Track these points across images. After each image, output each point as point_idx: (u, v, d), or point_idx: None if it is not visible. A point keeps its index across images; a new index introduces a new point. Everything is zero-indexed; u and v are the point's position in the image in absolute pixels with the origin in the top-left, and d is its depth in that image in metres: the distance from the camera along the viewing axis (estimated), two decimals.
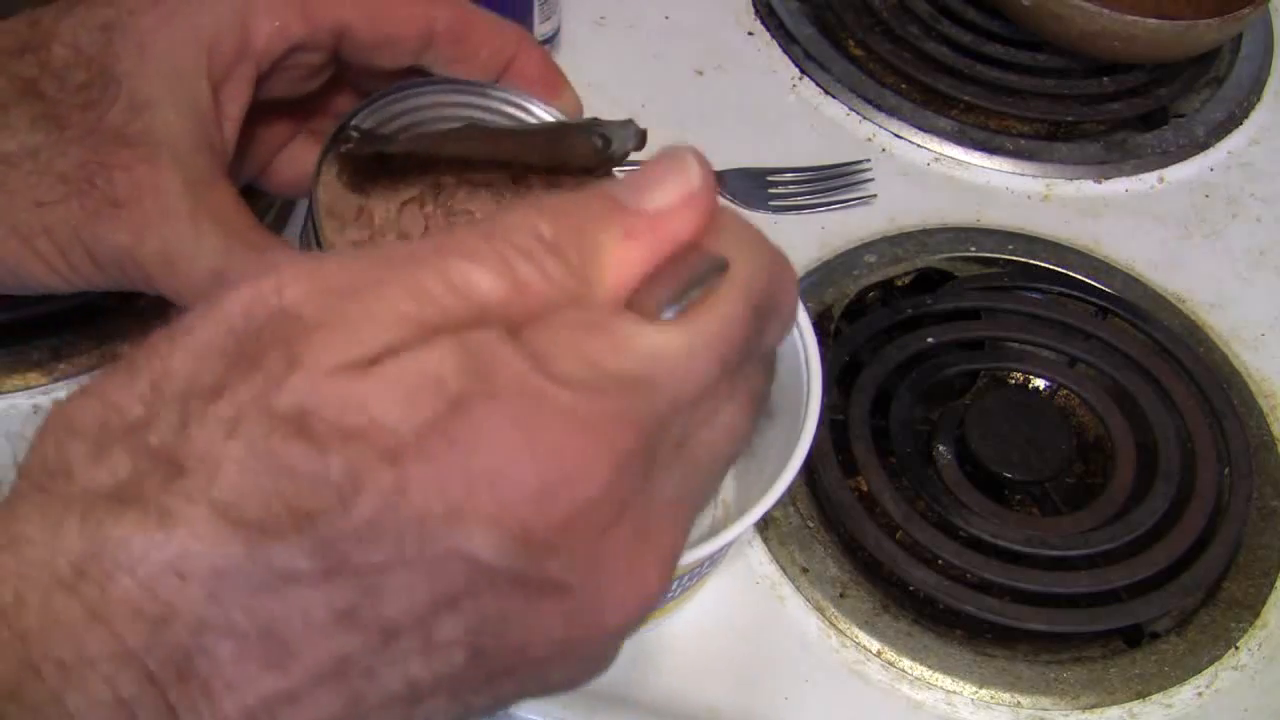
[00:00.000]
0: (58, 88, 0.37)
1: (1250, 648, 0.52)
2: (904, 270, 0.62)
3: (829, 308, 0.60)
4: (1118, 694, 0.50)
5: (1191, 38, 0.69)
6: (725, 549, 0.46)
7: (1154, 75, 0.72)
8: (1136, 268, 0.65)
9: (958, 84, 0.70)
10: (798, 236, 0.63)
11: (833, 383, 0.56)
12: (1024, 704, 0.49)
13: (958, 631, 0.51)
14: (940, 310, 0.60)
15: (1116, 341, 0.60)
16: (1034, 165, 0.68)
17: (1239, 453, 0.57)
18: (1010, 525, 0.52)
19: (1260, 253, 0.67)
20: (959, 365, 0.58)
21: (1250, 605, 0.53)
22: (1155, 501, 0.54)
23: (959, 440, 0.55)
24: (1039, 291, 0.63)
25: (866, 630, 0.50)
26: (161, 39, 0.37)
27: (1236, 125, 0.73)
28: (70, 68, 0.37)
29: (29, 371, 0.52)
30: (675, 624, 0.50)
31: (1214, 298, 0.65)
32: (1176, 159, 0.70)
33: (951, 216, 0.66)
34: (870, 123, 0.69)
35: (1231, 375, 0.61)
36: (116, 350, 0.53)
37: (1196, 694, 0.50)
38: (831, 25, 0.74)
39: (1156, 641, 0.52)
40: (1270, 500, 0.56)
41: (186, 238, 0.36)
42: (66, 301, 0.53)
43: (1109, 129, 0.71)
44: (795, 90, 0.71)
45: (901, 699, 0.49)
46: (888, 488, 0.53)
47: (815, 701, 0.49)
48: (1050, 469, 0.55)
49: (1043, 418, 0.56)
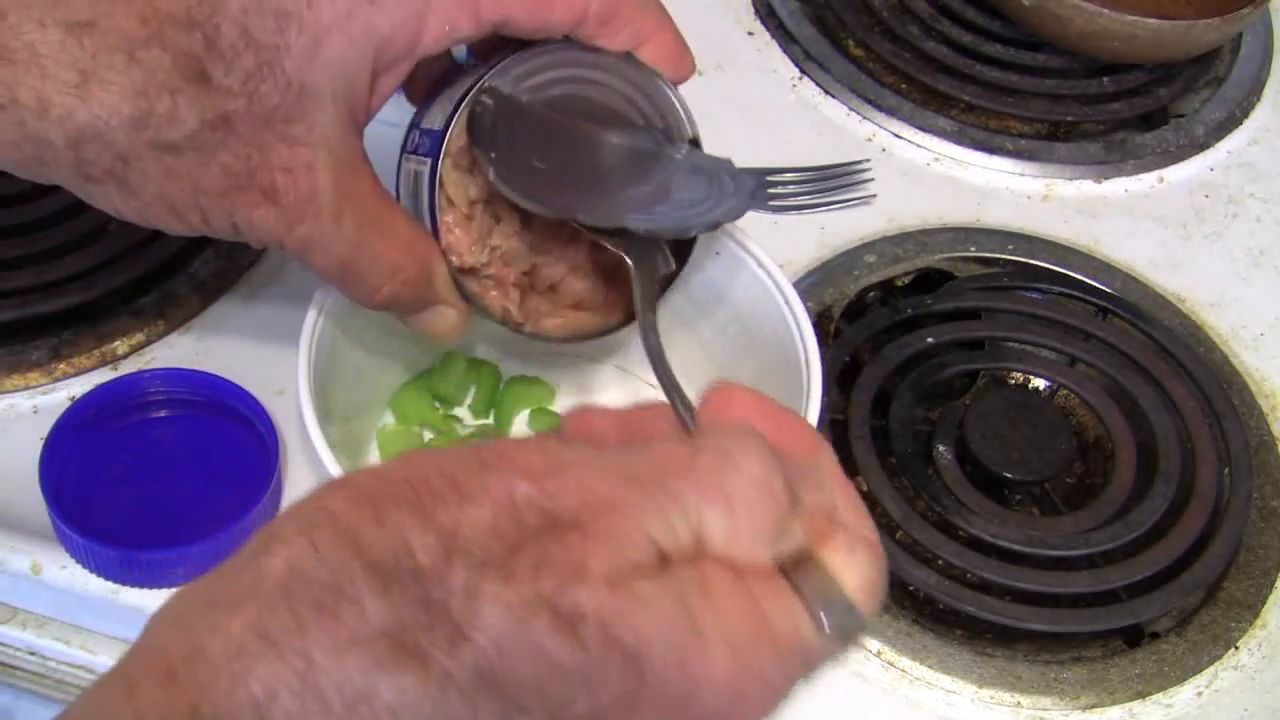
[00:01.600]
0: (224, 74, 0.36)
1: (1250, 648, 0.52)
2: (904, 270, 0.62)
3: (829, 308, 0.60)
4: (1118, 694, 0.50)
5: (1191, 38, 0.69)
6: None
7: (1154, 75, 0.72)
8: (1136, 268, 0.65)
9: (958, 84, 0.70)
10: (798, 236, 0.63)
11: (833, 383, 0.56)
12: (1024, 704, 0.49)
13: (958, 631, 0.51)
14: (940, 310, 0.60)
15: (1116, 341, 0.60)
16: (1034, 165, 0.68)
17: (1239, 453, 0.57)
18: (1010, 525, 0.52)
19: (1260, 253, 0.67)
20: (959, 365, 0.58)
21: (1250, 605, 0.53)
22: (1155, 501, 0.54)
23: (959, 440, 0.55)
24: (1039, 291, 0.63)
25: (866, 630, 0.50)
26: (336, 40, 0.37)
27: (1236, 125, 0.73)
28: (238, 52, 0.36)
29: (29, 371, 0.52)
30: None
31: (1214, 298, 0.65)
32: (1176, 159, 0.70)
33: (951, 216, 0.66)
34: (870, 123, 0.69)
35: (1231, 375, 0.61)
36: (115, 350, 0.53)
37: (1196, 694, 0.50)
38: (831, 25, 0.74)
39: (1156, 641, 0.52)
40: (1270, 500, 0.56)
41: (328, 229, 0.39)
42: (66, 301, 0.53)
43: (1109, 129, 0.71)
44: (795, 90, 0.71)
45: (901, 699, 0.49)
46: (888, 488, 0.53)
47: (815, 702, 0.49)
48: (1050, 469, 0.54)
49: (1043, 418, 0.56)
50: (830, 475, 0.31)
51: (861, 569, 0.30)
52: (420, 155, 0.42)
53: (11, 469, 0.49)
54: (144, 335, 0.54)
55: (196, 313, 0.56)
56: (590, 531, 0.27)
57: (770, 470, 0.29)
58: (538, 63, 0.42)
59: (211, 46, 0.36)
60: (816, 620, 0.29)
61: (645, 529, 0.27)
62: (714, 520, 0.28)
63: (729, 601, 0.28)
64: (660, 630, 0.26)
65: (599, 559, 0.26)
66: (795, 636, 0.28)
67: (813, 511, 0.30)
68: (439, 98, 0.43)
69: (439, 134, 0.41)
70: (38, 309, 0.53)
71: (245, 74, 0.36)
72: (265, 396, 0.49)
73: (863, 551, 0.30)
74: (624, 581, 0.26)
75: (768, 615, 0.28)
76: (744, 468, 0.28)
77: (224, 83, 0.36)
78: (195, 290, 0.56)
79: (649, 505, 0.27)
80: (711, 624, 0.27)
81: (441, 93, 0.43)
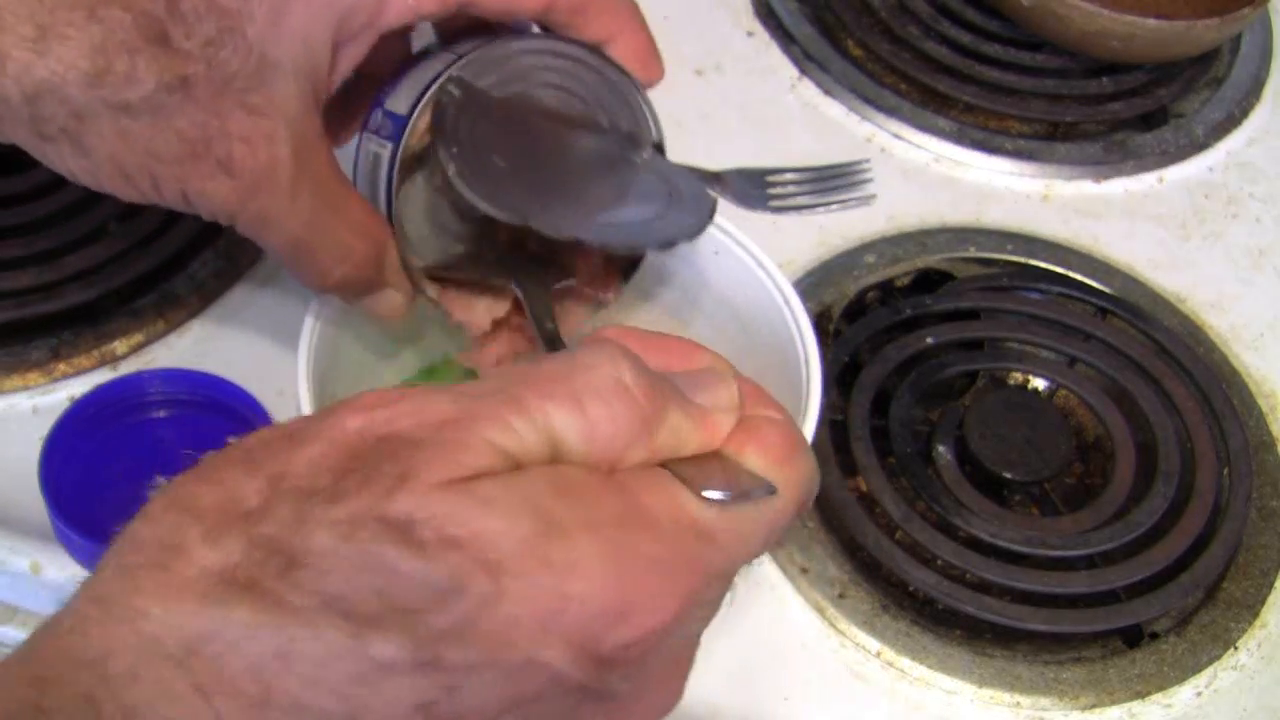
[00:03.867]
0: (185, 37, 0.36)
1: (1249, 648, 0.52)
2: (903, 270, 0.62)
3: (829, 308, 0.60)
4: (1117, 694, 0.50)
5: (1191, 38, 0.69)
6: None
7: (1154, 75, 0.72)
8: (1136, 268, 0.65)
9: (957, 84, 0.70)
10: (797, 236, 0.63)
11: (832, 383, 0.56)
12: (1023, 704, 0.49)
13: (957, 631, 0.51)
14: (940, 310, 0.60)
15: (1116, 341, 0.60)
16: (1033, 165, 0.68)
17: (1238, 453, 0.57)
18: (1010, 525, 0.52)
19: (1260, 253, 0.67)
20: (959, 365, 0.58)
21: (1250, 605, 0.53)
22: (1155, 501, 0.54)
23: (959, 440, 0.55)
24: (1038, 292, 0.63)
25: (866, 630, 0.50)
26: (298, 9, 0.37)
27: (1236, 125, 0.73)
28: (200, 16, 0.36)
29: (29, 371, 0.52)
30: None
31: (1214, 298, 0.65)
32: (1176, 159, 0.70)
33: (951, 217, 0.66)
34: (870, 123, 0.69)
35: (1231, 375, 0.61)
36: (115, 350, 0.53)
37: (1196, 694, 0.50)
38: (831, 25, 0.74)
39: (1156, 641, 0.52)
40: (1270, 500, 0.56)
41: (284, 204, 0.38)
42: (66, 301, 0.53)
43: (1109, 129, 0.71)
44: (795, 90, 0.71)
45: (901, 699, 0.49)
46: (887, 488, 0.53)
47: (815, 701, 0.49)
48: (1050, 469, 0.55)
49: (1043, 418, 0.56)
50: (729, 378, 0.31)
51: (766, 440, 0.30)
52: (381, 138, 0.41)
53: (11, 469, 0.49)
54: (144, 335, 0.54)
55: (196, 313, 0.56)
56: (421, 444, 0.26)
57: (621, 368, 0.28)
58: (506, 53, 0.41)
59: (173, 9, 0.36)
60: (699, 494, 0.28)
61: (486, 436, 0.26)
62: (566, 423, 0.27)
63: (590, 495, 0.27)
64: (507, 525, 0.25)
65: (431, 467, 0.26)
66: (676, 513, 0.28)
67: (708, 411, 0.30)
68: (406, 77, 0.42)
69: (402, 119, 0.40)
70: (38, 309, 0.53)
71: (206, 39, 0.36)
72: (265, 396, 0.49)
73: (766, 426, 0.30)
74: (461, 485, 0.26)
75: (641, 500, 0.27)
76: (593, 368, 0.28)
77: (184, 46, 0.36)
78: (195, 290, 0.56)
79: (489, 414, 0.27)
80: (570, 516, 0.26)
81: (408, 72, 0.42)
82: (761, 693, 0.49)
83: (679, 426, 0.29)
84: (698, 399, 0.30)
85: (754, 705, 0.49)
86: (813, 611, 0.51)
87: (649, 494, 0.28)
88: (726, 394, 0.30)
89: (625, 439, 0.28)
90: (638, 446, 0.28)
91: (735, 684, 0.49)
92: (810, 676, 0.49)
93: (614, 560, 0.26)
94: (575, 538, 0.26)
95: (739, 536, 0.29)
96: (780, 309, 0.47)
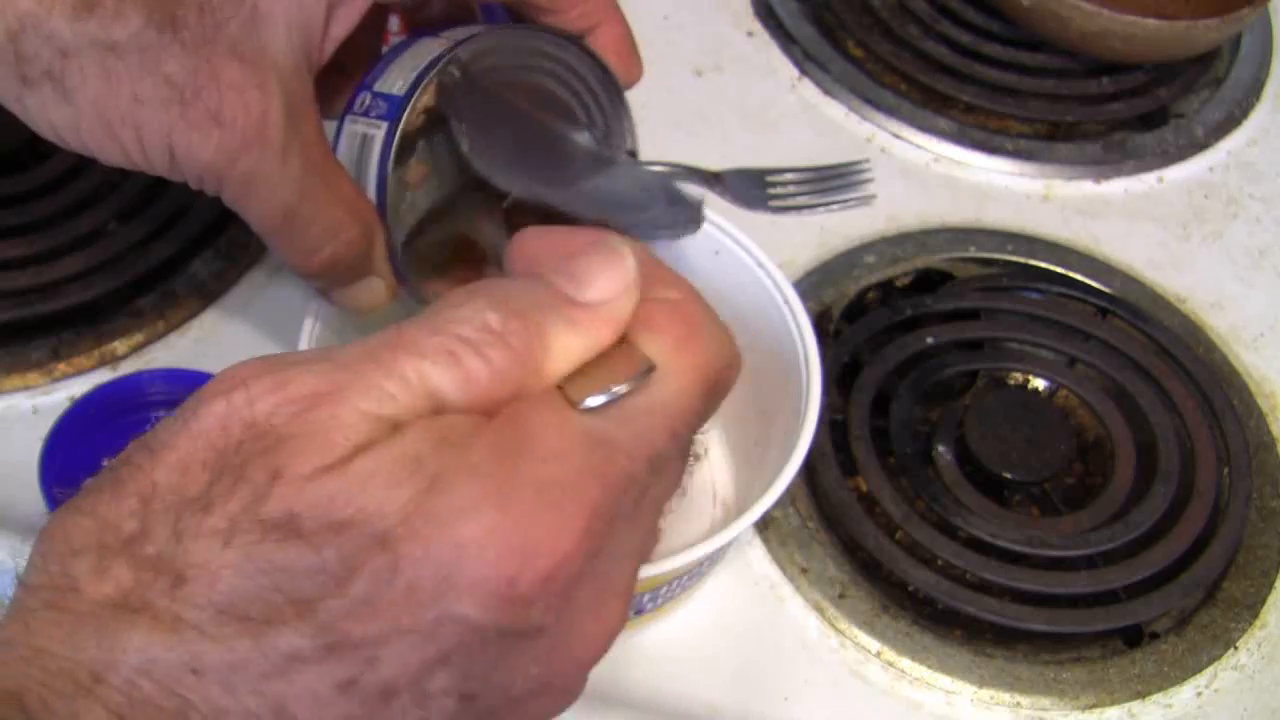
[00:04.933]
0: None
1: (1250, 648, 0.52)
2: (903, 270, 0.62)
3: (829, 308, 0.60)
4: (1117, 694, 0.50)
5: (1191, 38, 0.69)
6: (724, 549, 0.46)
7: (1154, 75, 0.72)
8: (1136, 268, 0.65)
9: (957, 84, 0.70)
10: (797, 236, 0.63)
11: (832, 383, 0.56)
12: (1024, 704, 0.49)
13: (957, 632, 0.51)
14: (940, 310, 0.60)
15: (1116, 341, 0.60)
16: (1033, 165, 0.68)
17: (1238, 453, 0.57)
18: (1010, 525, 0.52)
19: (1260, 253, 0.67)
20: (959, 365, 0.58)
21: (1250, 605, 0.53)
22: (1155, 501, 0.54)
23: (959, 440, 0.55)
24: (1038, 291, 0.63)
25: (866, 630, 0.50)
26: None
27: (1236, 125, 0.73)
28: None
29: (29, 371, 0.52)
30: (674, 624, 0.50)
31: (1214, 298, 0.65)
32: (1176, 159, 0.70)
33: (951, 216, 0.66)
34: (870, 123, 0.69)
35: (1231, 375, 0.61)
36: (115, 350, 0.54)
37: (1196, 694, 0.50)
38: (831, 25, 0.74)
39: (1156, 641, 0.52)
40: (1270, 500, 0.56)
41: (274, 166, 0.37)
42: (66, 301, 0.53)
43: (1109, 129, 0.71)
44: (795, 90, 0.71)
45: (901, 699, 0.49)
46: (887, 488, 0.53)
47: (815, 701, 0.49)
48: (1050, 469, 0.55)
49: (1042, 418, 0.56)
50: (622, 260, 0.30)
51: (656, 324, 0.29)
52: (372, 118, 0.41)
53: (11, 469, 0.49)
54: (144, 335, 0.54)
55: (196, 313, 0.56)
56: (285, 432, 0.26)
57: (486, 313, 0.28)
58: (498, 43, 0.41)
59: None
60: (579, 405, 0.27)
61: (359, 407, 0.26)
62: (441, 377, 0.27)
63: (470, 438, 0.26)
64: (388, 494, 0.25)
65: (300, 459, 0.25)
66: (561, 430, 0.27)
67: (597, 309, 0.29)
68: (394, 63, 0.42)
69: (399, 99, 0.40)
70: (38, 309, 0.53)
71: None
72: None
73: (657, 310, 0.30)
74: (335, 467, 0.25)
75: (528, 429, 0.27)
76: (460, 319, 0.27)
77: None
78: (195, 291, 0.56)
79: (356, 384, 0.26)
80: (452, 465, 0.26)
81: (394, 59, 0.42)
82: (761, 693, 0.49)
83: (568, 345, 0.28)
84: (586, 295, 0.29)
85: (754, 705, 0.49)
86: (813, 611, 0.51)
87: (535, 419, 0.27)
88: (620, 278, 0.29)
89: (507, 380, 0.27)
90: (532, 379, 0.28)
91: (735, 684, 0.49)
92: (810, 676, 0.49)
93: (499, 496, 0.25)
94: (459, 485, 0.25)
95: (636, 434, 0.28)
96: (780, 309, 0.47)
